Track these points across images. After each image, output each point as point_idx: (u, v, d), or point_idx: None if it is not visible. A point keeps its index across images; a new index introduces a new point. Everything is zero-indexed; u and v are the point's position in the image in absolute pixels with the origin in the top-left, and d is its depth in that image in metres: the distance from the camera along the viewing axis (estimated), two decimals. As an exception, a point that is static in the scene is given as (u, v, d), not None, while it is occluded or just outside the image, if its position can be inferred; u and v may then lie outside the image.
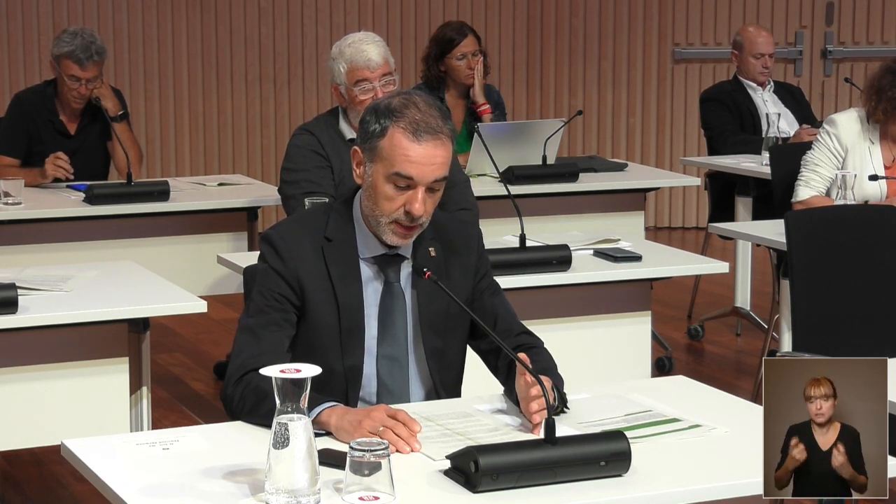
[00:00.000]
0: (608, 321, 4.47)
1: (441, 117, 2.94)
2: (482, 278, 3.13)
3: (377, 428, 2.65)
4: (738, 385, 5.77)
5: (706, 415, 2.88)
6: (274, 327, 2.95)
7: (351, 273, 3.00)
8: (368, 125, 2.95)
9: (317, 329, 2.99)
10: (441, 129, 2.91)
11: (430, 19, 8.82)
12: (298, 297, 2.98)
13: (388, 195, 2.92)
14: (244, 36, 8.67)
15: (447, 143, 2.93)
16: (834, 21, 9.33)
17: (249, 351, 2.90)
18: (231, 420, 2.88)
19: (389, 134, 2.91)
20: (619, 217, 5.94)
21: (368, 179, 2.96)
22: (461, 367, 3.14)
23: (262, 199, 5.61)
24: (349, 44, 4.57)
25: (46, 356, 3.86)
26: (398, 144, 2.90)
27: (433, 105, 2.96)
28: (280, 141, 8.59)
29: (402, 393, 3.03)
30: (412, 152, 2.89)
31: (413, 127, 2.89)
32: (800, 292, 4.12)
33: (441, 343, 3.05)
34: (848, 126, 5.00)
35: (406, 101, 2.94)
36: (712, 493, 2.52)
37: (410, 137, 2.89)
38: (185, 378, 6.02)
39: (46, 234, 5.26)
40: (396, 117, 2.91)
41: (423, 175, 2.90)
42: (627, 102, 9.28)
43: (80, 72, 5.68)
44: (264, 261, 3.01)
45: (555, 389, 2.82)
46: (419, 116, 2.91)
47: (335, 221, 3.03)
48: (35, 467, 4.93)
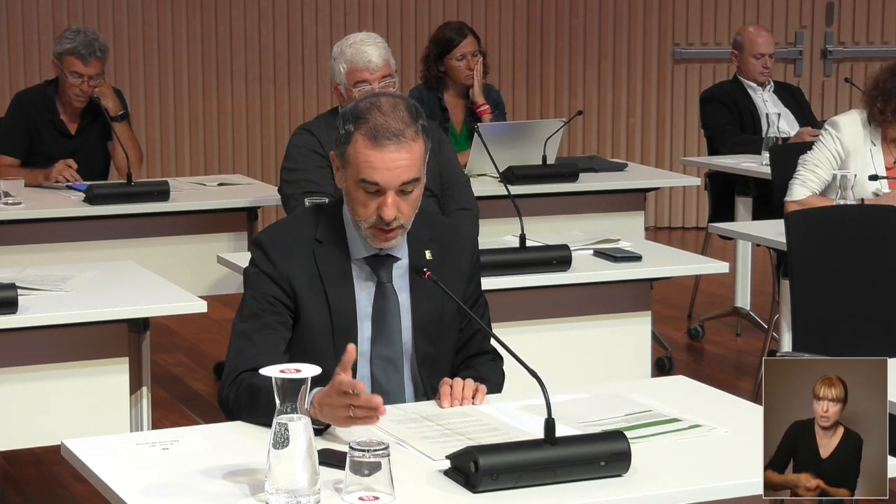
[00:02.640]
0: (608, 321, 4.47)
1: (408, 116, 2.90)
2: (475, 288, 3.15)
3: (345, 413, 2.61)
4: (738, 385, 5.77)
5: (706, 415, 2.88)
6: (268, 330, 2.94)
7: (342, 274, 3.00)
8: (339, 129, 2.95)
9: (309, 331, 2.99)
10: (402, 133, 2.88)
11: (430, 19, 8.82)
12: (291, 299, 2.97)
13: (361, 201, 2.92)
14: (244, 36, 8.67)
15: (412, 145, 2.90)
16: (834, 21, 9.33)
17: (244, 354, 2.91)
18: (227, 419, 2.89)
19: (353, 140, 2.91)
20: (619, 217, 5.94)
21: (343, 185, 2.97)
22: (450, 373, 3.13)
23: (262, 199, 5.61)
24: (350, 44, 4.57)
25: (46, 356, 3.86)
26: (361, 151, 2.89)
27: (399, 105, 2.92)
28: (280, 141, 8.59)
29: (397, 393, 3.02)
30: (373, 159, 2.88)
31: (373, 133, 2.88)
32: (800, 292, 4.12)
33: (432, 349, 3.06)
34: (850, 128, 4.99)
35: (371, 104, 2.92)
36: (712, 493, 2.52)
37: (370, 144, 2.88)
38: (185, 378, 6.02)
39: (46, 234, 5.26)
40: (359, 123, 2.90)
41: (388, 180, 2.89)
42: (627, 102, 9.28)
43: (83, 68, 5.68)
44: (255, 265, 3.00)
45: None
46: (381, 120, 2.88)
47: (326, 223, 3.03)
48: (35, 467, 4.93)
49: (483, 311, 3.16)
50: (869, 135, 4.99)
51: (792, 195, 5.01)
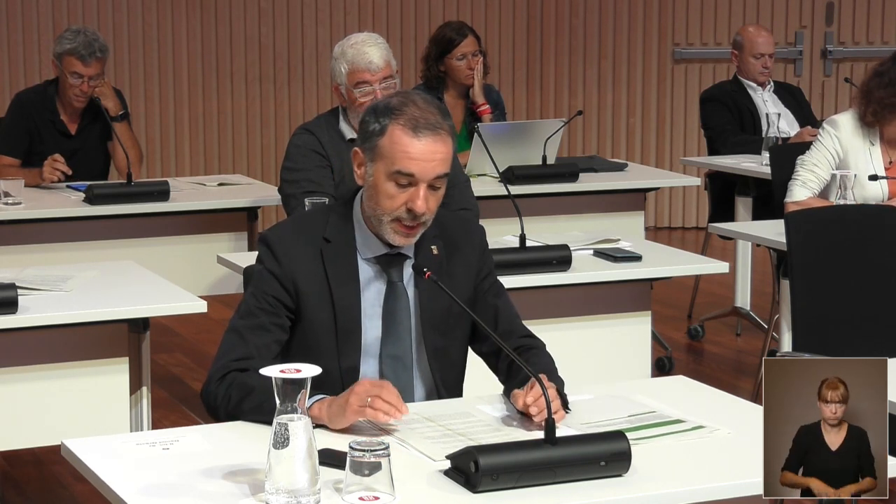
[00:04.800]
0: (608, 321, 4.47)
1: (440, 114, 2.94)
2: (485, 278, 3.13)
3: (365, 401, 2.66)
4: (738, 385, 5.77)
5: (707, 415, 2.87)
6: (261, 331, 2.94)
7: (349, 274, 3.00)
8: (368, 125, 2.95)
9: (313, 330, 2.99)
10: (440, 125, 2.91)
11: (430, 19, 8.82)
12: (293, 299, 2.97)
13: (389, 193, 2.92)
14: (244, 36, 8.67)
15: (447, 140, 2.93)
16: (834, 21, 9.33)
17: (235, 353, 2.90)
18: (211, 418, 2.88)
19: (389, 132, 2.91)
20: (619, 217, 5.94)
21: (370, 179, 2.95)
22: (462, 366, 3.14)
23: (262, 199, 5.61)
24: (352, 44, 4.56)
25: (46, 356, 3.86)
26: (398, 141, 2.90)
27: (431, 102, 2.96)
28: (280, 141, 8.59)
29: (406, 392, 3.02)
30: (412, 148, 2.89)
31: (412, 123, 2.89)
32: (800, 292, 4.12)
33: (442, 342, 3.05)
34: (849, 127, 5.00)
35: (404, 99, 2.94)
36: (712, 493, 2.52)
37: (410, 134, 2.89)
38: (185, 378, 6.02)
39: (46, 234, 5.26)
40: (395, 115, 2.91)
41: (424, 171, 2.90)
42: (627, 102, 9.28)
43: (83, 68, 5.68)
44: (261, 262, 3.00)
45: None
46: (418, 113, 2.91)
47: (335, 222, 3.03)
48: (35, 467, 4.93)
49: (504, 299, 3.14)
50: (867, 134, 4.99)
51: (792, 196, 5.01)
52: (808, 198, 4.98)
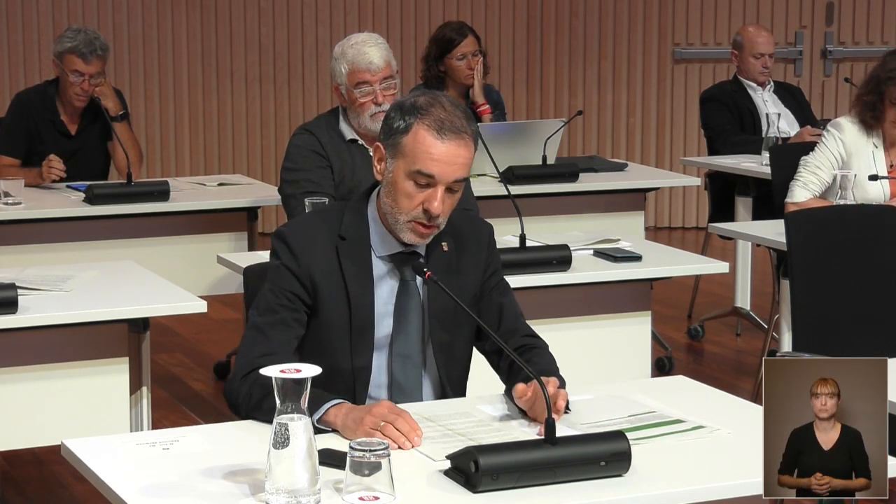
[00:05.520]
0: (608, 321, 4.47)
1: (465, 118, 2.93)
2: (491, 276, 3.13)
3: (378, 424, 2.65)
4: (738, 385, 5.77)
5: (707, 415, 2.87)
6: (283, 327, 2.94)
7: (364, 272, 3.00)
8: (393, 121, 2.94)
9: (328, 327, 2.99)
10: (465, 129, 2.91)
11: (430, 19, 8.82)
12: (310, 295, 2.97)
13: (407, 192, 2.91)
14: (244, 36, 8.68)
15: (470, 144, 2.92)
16: (834, 21, 9.33)
17: (259, 349, 2.90)
18: (234, 416, 2.88)
19: (413, 131, 2.90)
20: (619, 217, 5.94)
21: (389, 176, 2.95)
22: (467, 363, 3.14)
23: (262, 199, 5.61)
24: (352, 45, 4.56)
25: (46, 356, 3.86)
26: (422, 141, 2.89)
27: (458, 106, 2.95)
28: (280, 141, 8.59)
29: (414, 391, 3.03)
30: (435, 150, 2.88)
31: (438, 125, 2.89)
32: (800, 292, 4.12)
33: (448, 337, 3.05)
34: (853, 129, 5.00)
35: (432, 100, 2.93)
36: (712, 493, 2.52)
37: (435, 135, 2.89)
38: (185, 378, 6.02)
39: (46, 234, 5.26)
40: (422, 115, 2.90)
41: (444, 174, 2.89)
42: (627, 102, 9.28)
43: (84, 66, 5.68)
44: (277, 258, 3.00)
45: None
46: (444, 115, 2.90)
47: (350, 219, 3.02)
48: (35, 467, 4.93)
49: (509, 298, 3.14)
50: (871, 137, 4.99)
51: (793, 197, 5.01)
52: (809, 199, 4.98)
